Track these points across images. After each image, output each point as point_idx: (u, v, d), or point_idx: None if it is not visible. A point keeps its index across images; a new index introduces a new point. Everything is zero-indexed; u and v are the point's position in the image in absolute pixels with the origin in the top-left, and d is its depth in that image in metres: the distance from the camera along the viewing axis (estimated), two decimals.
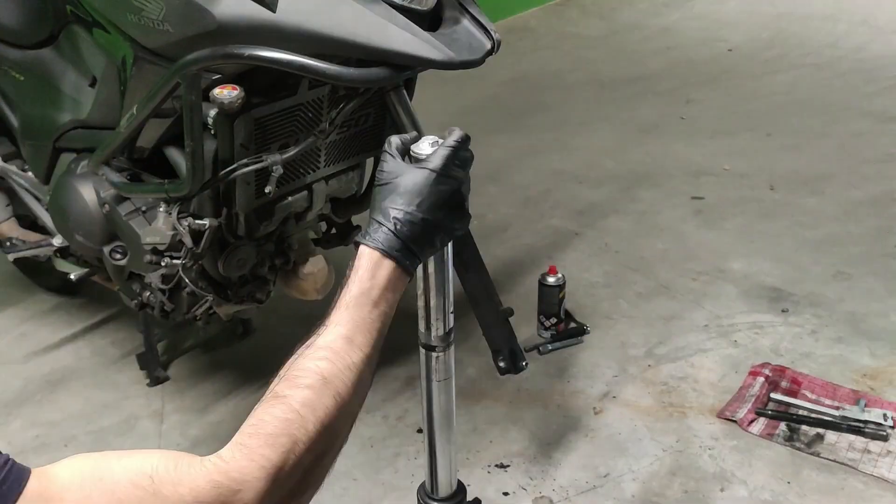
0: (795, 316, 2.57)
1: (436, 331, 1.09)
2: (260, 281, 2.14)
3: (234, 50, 1.57)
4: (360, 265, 0.87)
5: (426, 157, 0.94)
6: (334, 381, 0.78)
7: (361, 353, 0.82)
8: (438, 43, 1.56)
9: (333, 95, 1.90)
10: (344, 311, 0.84)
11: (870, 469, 1.96)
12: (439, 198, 0.91)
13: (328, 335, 0.82)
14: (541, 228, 3.20)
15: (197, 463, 0.69)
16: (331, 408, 0.76)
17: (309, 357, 0.80)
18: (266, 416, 0.73)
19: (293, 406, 0.74)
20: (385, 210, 0.90)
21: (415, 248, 0.90)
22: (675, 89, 4.63)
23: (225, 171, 1.80)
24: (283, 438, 0.71)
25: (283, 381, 0.78)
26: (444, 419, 1.15)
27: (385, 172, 0.93)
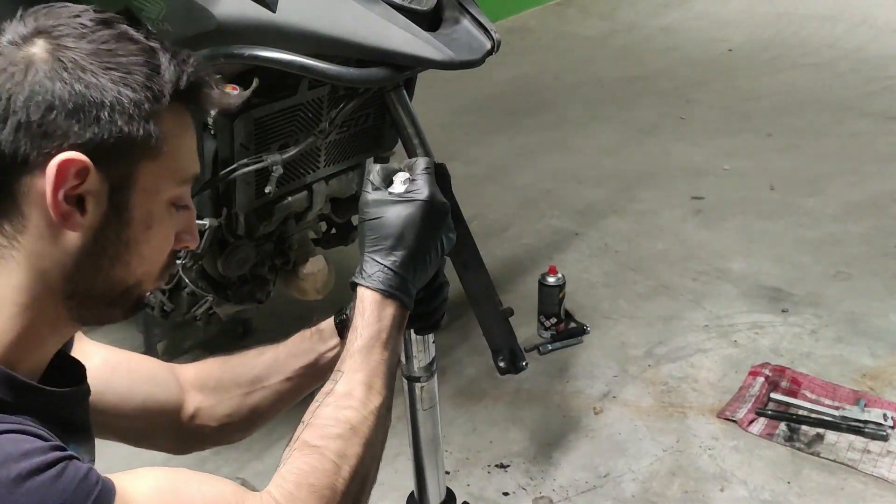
0: (795, 316, 2.57)
1: (418, 362, 1.10)
2: (260, 281, 2.14)
3: (234, 50, 1.57)
4: (364, 308, 0.88)
5: (407, 190, 0.92)
6: (361, 427, 0.83)
7: (381, 397, 0.86)
8: (438, 43, 1.56)
9: (333, 95, 1.90)
10: (358, 358, 0.87)
11: (870, 469, 1.96)
12: (432, 226, 0.92)
13: (347, 383, 0.85)
14: (541, 228, 3.20)
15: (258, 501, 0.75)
16: (361, 455, 0.82)
17: (333, 406, 0.83)
18: (306, 467, 0.78)
19: (329, 457, 0.79)
20: (378, 247, 0.89)
21: (414, 281, 0.91)
22: (675, 89, 4.63)
23: (225, 171, 1.80)
24: (325, 490, 0.77)
25: (311, 427, 0.82)
26: (430, 444, 1.16)
27: (371, 206, 0.91)
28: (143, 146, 0.74)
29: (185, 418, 1.07)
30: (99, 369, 0.96)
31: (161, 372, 1.08)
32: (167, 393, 1.06)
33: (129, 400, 1.00)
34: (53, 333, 0.78)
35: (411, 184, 0.92)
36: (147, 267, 0.80)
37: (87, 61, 0.71)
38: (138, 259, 0.78)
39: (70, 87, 0.70)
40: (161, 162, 0.76)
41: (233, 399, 1.09)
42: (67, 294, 0.76)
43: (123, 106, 0.72)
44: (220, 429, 1.09)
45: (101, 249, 0.75)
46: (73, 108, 0.70)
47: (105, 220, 0.74)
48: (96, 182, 0.72)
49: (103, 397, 0.95)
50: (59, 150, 0.70)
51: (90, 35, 0.73)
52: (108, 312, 0.81)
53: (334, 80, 1.60)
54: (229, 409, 1.09)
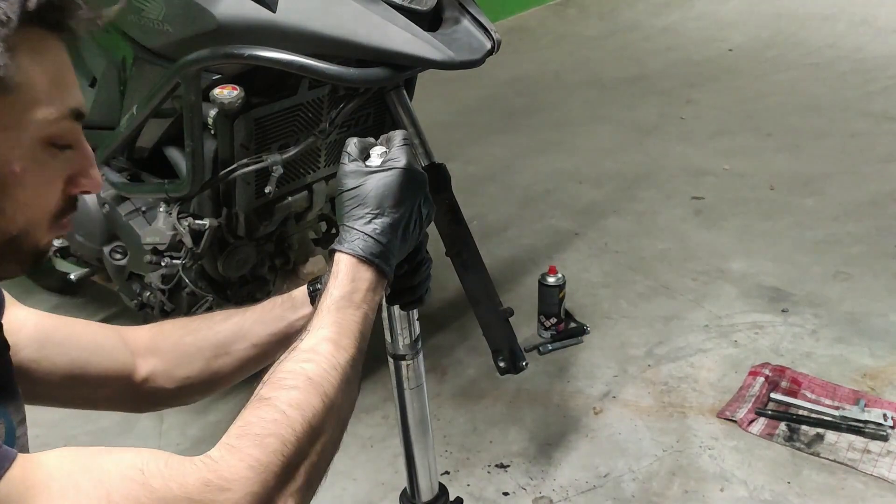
0: (795, 316, 2.57)
1: (402, 339, 1.10)
2: (260, 281, 2.14)
3: (234, 50, 1.57)
4: (338, 270, 0.87)
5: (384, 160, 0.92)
6: (320, 381, 0.78)
7: (346, 354, 0.82)
8: (438, 43, 1.56)
9: (333, 95, 1.90)
10: (326, 315, 0.84)
11: (870, 469, 1.96)
12: (411, 194, 0.91)
13: (311, 339, 0.82)
14: (541, 228, 3.20)
15: (187, 461, 0.69)
16: (318, 407, 0.76)
17: (293, 360, 0.79)
18: (252, 418, 0.73)
19: (279, 407, 0.74)
20: (357, 216, 0.89)
21: (393, 249, 0.90)
22: (675, 89, 4.63)
23: (225, 171, 1.80)
24: (270, 438, 0.71)
25: (268, 384, 0.77)
26: (419, 426, 1.16)
27: (349, 177, 0.91)
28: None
29: (138, 381, 1.05)
30: (32, 337, 0.93)
31: (105, 337, 1.04)
32: (112, 359, 1.03)
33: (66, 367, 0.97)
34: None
35: (389, 154, 0.93)
36: (30, 214, 0.74)
37: None
38: (13, 205, 0.72)
39: None
40: (18, 97, 0.69)
41: (193, 363, 1.06)
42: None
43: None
44: (177, 390, 1.07)
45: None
46: None
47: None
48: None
49: (38, 365, 0.93)
50: None
51: None
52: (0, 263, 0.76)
53: (334, 80, 1.60)
54: (189, 372, 1.06)
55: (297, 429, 0.73)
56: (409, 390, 1.13)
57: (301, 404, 0.74)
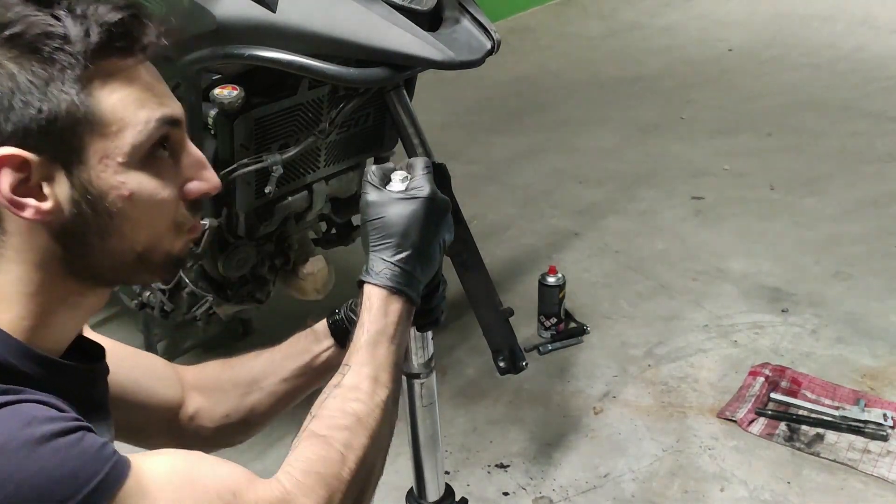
0: (795, 316, 2.57)
1: (417, 359, 1.11)
2: (260, 281, 2.14)
3: (234, 50, 1.57)
4: (371, 305, 0.90)
5: (408, 187, 0.93)
6: (367, 420, 0.84)
7: (387, 390, 0.87)
8: (438, 43, 1.56)
9: (333, 95, 1.90)
10: (365, 352, 0.88)
11: (870, 469, 1.96)
12: (435, 222, 0.93)
13: (354, 376, 0.87)
14: (541, 228, 3.20)
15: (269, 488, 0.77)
16: (367, 446, 0.83)
17: (340, 398, 0.85)
18: (313, 456, 0.80)
19: (336, 447, 0.81)
20: (384, 246, 0.90)
21: (420, 277, 0.93)
22: (675, 89, 4.63)
23: (225, 171, 1.80)
24: (332, 479, 0.79)
25: (319, 419, 0.83)
26: (430, 441, 1.17)
27: (372, 206, 0.91)
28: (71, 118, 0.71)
29: (185, 419, 1.08)
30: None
31: (164, 369, 1.08)
32: (169, 390, 1.06)
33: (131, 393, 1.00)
34: (72, 308, 0.78)
35: (412, 182, 0.93)
36: (150, 230, 0.77)
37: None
38: (131, 225, 0.75)
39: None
40: (107, 125, 0.72)
41: (230, 400, 1.10)
42: (72, 273, 0.76)
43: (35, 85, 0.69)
44: (217, 430, 1.10)
45: (83, 228, 0.74)
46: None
47: (73, 199, 0.72)
48: (44, 167, 0.71)
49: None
50: None
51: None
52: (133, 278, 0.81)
53: (334, 80, 1.60)
54: (226, 409, 1.10)
55: (352, 468, 0.81)
56: (422, 408, 1.15)
57: (354, 445, 0.82)
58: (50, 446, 0.65)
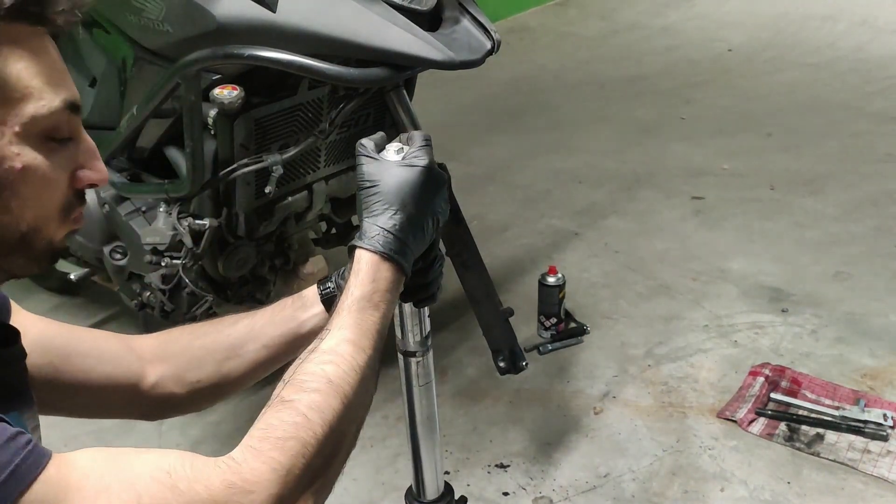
0: (795, 316, 2.57)
1: (413, 336, 1.10)
2: (260, 281, 2.14)
3: (234, 50, 1.57)
4: (359, 269, 0.87)
5: (405, 157, 0.93)
6: (340, 383, 0.79)
7: (365, 355, 0.83)
8: (438, 43, 1.56)
9: (333, 95, 1.90)
10: (346, 315, 0.85)
11: (870, 469, 1.96)
12: (431, 193, 0.92)
13: (332, 339, 0.83)
14: (541, 228, 3.20)
15: (211, 463, 0.71)
16: (338, 410, 0.77)
17: (314, 361, 0.80)
18: (274, 421, 0.74)
19: (301, 410, 0.75)
20: (378, 212, 0.89)
21: (413, 247, 0.91)
22: (675, 89, 4.63)
23: (225, 171, 1.80)
24: (292, 442, 0.73)
25: (289, 385, 0.78)
26: (427, 423, 1.16)
27: (367, 174, 0.91)
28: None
29: (146, 387, 1.05)
30: (35, 343, 0.93)
31: (109, 345, 1.04)
32: (117, 366, 1.03)
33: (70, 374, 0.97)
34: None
35: (411, 151, 0.93)
36: (37, 210, 0.74)
37: None
38: (19, 202, 0.73)
39: None
40: (11, 91, 0.70)
41: (203, 367, 1.06)
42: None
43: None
44: (188, 395, 1.07)
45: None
46: None
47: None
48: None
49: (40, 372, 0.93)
50: None
51: None
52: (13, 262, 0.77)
53: (334, 81, 1.60)
54: (200, 375, 1.06)
55: (317, 432, 0.74)
56: (418, 387, 1.13)
57: (322, 407, 0.76)
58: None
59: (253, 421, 0.75)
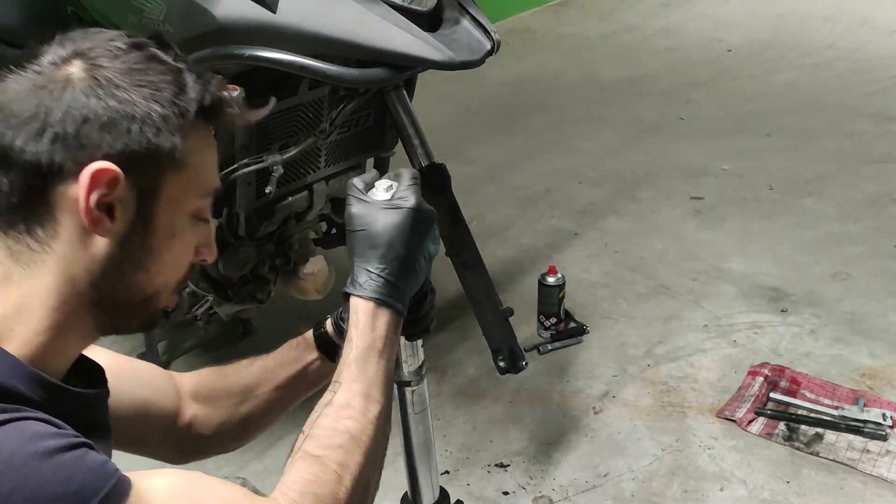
0: (794, 316, 2.57)
1: (408, 367, 1.12)
2: (260, 281, 2.14)
3: (235, 50, 1.58)
4: (357, 319, 0.90)
5: (392, 198, 0.94)
6: (361, 437, 0.84)
7: (379, 406, 0.88)
8: (438, 43, 1.56)
9: (334, 96, 1.90)
10: (355, 368, 0.88)
11: (869, 468, 1.97)
12: (420, 233, 0.93)
13: (345, 393, 0.87)
14: (541, 228, 3.21)
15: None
16: (363, 464, 0.83)
17: (332, 417, 0.85)
18: (309, 476, 0.80)
19: (331, 467, 0.81)
20: (369, 256, 0.91)
21: (406, 288, 0.93)
22: (675, 89, 4.64)
23: (225, 171, 1.80)
24: (328, 499, 0.79)
25: (312, 438, 0.83)
26: (423, 448, 1.18)
27: (356, 217, 0.93)
28: (169, 158, 0.77)
29: (183, 426, 1.09)
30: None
31: (161, 378, 1.10)
32: (166, 399, 1.07)
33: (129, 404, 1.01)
34: (78, 338, 0.81)
35: (398, 192, 0.94)
36: (166, 277, 0.83)
37: (120, 79, 0.76)
38: (158, 267, 0.81)
39: (104, 102, 0.75)
40: (185, 174, 0.79)
41: (224, 409, 1.11)
42: (93, 299, 0.78)
43: (152, 120, 0.76)
44: (215, 437, 1.11)
45: (127, 255, 0.78)
46: (106, 122, 0.74)
47: (132, 227, 0.78)
48: (125, 190, 0.76)
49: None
50: (92, 160, 0.74)
51: (123, 56, 0.77)
52: (126, 322, 0.84)
53: (334, 81, 1.60)
54: (222, 417, 1.11)
55: (348, 487, 0.81)
56: (414, 415, 1.15)
57: (350, 464, 0.82)
58: (54, 461, 0.66)
59: None
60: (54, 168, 0.74)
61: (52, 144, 0.73)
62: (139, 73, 0.77)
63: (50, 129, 0.73)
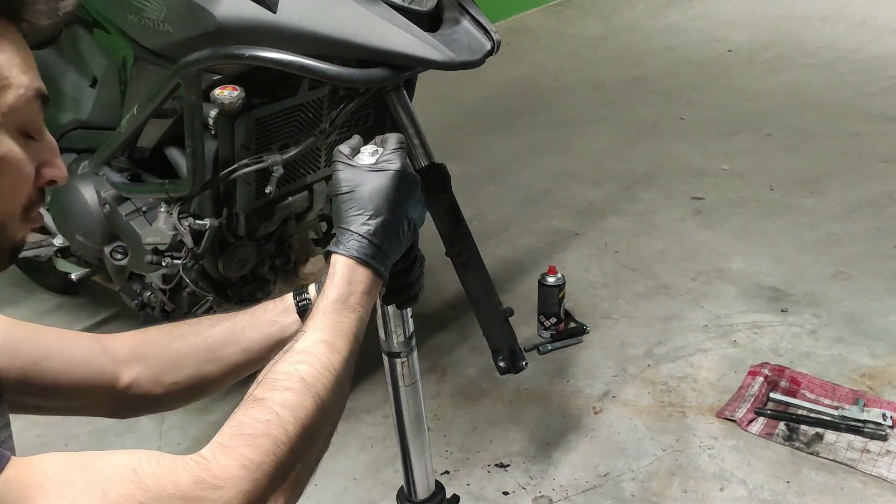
0: (794, 316, 2.57)
1: (396, 337, 1.11)
2: (260, 281, 2.14)
3: (235, 50, 1.58)
4: (335, 272, 0.89)
5: (378, 161, 0.94)
6: (314, 382, 0.79)
7: (340, 357, 0.83)
8: (438, 44, 1.56)
9: (333, 96, 1.90)
10: (321, 317, 0.85)
11: (869, 469, 1.97)
12: (405, 195, 0.93)
13: (307, 340, 0.83)
14: (541, 228, 3.21)
15: (179, 460, 0.70)
16: (311, 409, 0.77)
17: (288, 361, 0.80)
18: (245, 418, 0.74)
19: (272, 408, 0.75)
20: (353, 218, 0.90)
21: (388, 251, 0.92)
22: (675, 89, 4.64)
23: (225, 171, 1.80)
24: (262, 439, 0.72)
25: (262, 384, 0.78)
26: (414, 423, 1.17)
27: (344, 181, 0.92)
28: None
29: (121, 388, 1.04)
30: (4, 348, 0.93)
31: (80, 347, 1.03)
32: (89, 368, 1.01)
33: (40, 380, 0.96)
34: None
35: (383, 156, 0.94)
36: (5, 204, 0.75)
37: None
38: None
39: None
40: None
41: (183, 369, 1.06)
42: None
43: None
44: (164, 396, 1.07)
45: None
46: None
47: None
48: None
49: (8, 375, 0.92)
50: None
51: None
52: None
53: (334, 81, 1.60)
54: (177, 377, 1.06)
55: (289, 429, 0.74)
56: (405, 388, 1.14)
57: (294, 405, 0.76)
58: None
59: None
60: None
61: None
62: None
63: None
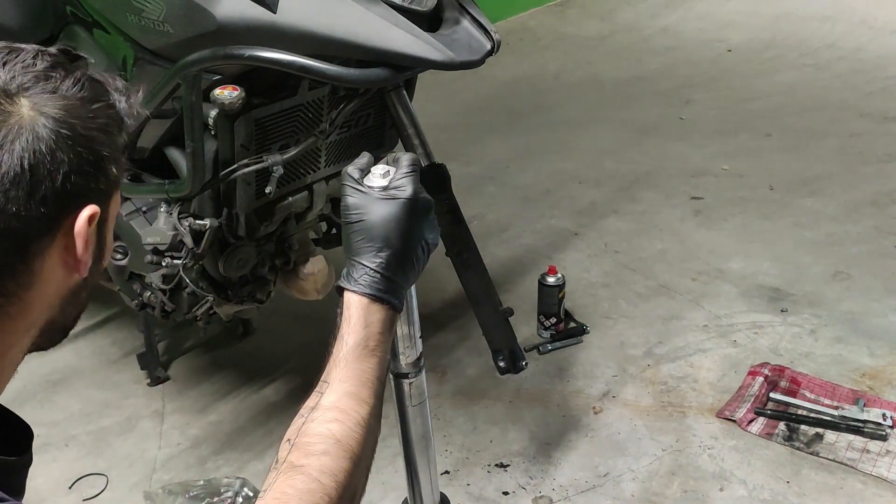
0: (794, 316, 2.57)
1: (406, 359, 1.10)
2: (260, 281, 2.14)
3: (235, 51, 1.57)
4: (350, 315, 0.86)
5: (389, 186, 0.89)
6: (348, 441, 0.79)
7: (368, 406, 0.83)
8: (438, 43, 1.56)
9: (333, 96, 1.90)
10: (344, 367, 0.84)
11: (869, 468, 1.97)
12: (417, 224, 0.89)
13: (332, 394, 0.82)
14: (541, 228, 3.21)
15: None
16: (349, 469, 0.78)
17: (318, 421, 0.80)
18: (289, 489, 0.75)
19: (313, 475, 0.75)
20: (364, 249, 0.87)
21: (401, 282, 0.89)
22: (675, 89, 4.63)
23: (225, 171, 1.80)
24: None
25: (297, 448, 0.79)
26: (422, 441, 1.16)
27: (352, 209, 0.88)
28: (118, 182, 0.76)
29: None
30: None
31: None
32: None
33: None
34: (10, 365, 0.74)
35: (395, 181, 0.90)
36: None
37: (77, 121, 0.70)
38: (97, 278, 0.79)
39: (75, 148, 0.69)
40: (117, 190, 0.77)
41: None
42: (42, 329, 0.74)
43: (113, 153, 0.73)
44: None
45: (88, 281, 0.75)
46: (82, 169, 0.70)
47: (95, 255, 0.75)
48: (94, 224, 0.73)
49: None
50: (79, 209, 0.71)
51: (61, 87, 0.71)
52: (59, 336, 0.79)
53: (334, 81, 1.60)
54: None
55: (332, 495, 0.75)
56: (412, 408, 1.13)
57: (334, 470, 0.76)
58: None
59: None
60: (41, 226, 0.68)
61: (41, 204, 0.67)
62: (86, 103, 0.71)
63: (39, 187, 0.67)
